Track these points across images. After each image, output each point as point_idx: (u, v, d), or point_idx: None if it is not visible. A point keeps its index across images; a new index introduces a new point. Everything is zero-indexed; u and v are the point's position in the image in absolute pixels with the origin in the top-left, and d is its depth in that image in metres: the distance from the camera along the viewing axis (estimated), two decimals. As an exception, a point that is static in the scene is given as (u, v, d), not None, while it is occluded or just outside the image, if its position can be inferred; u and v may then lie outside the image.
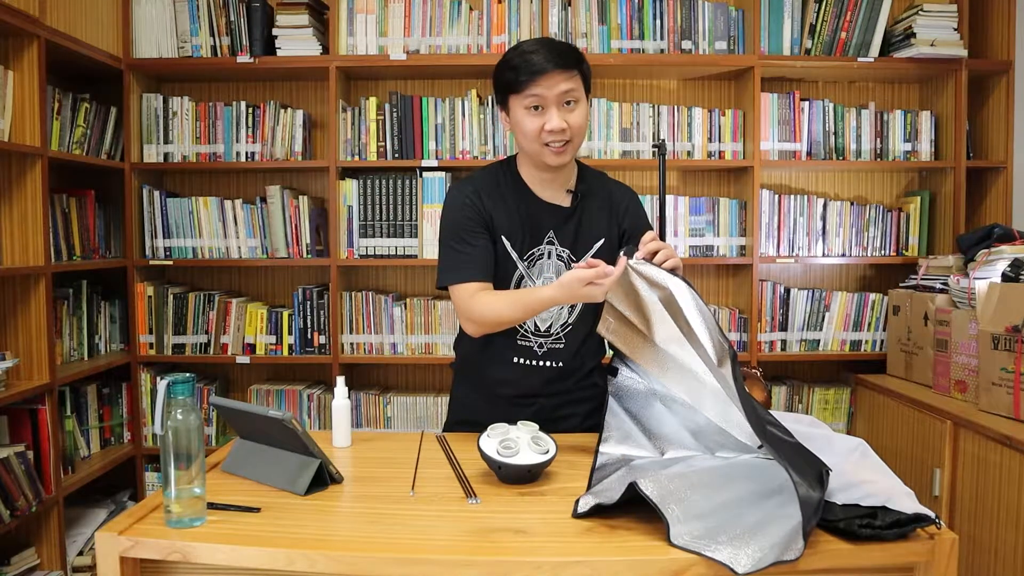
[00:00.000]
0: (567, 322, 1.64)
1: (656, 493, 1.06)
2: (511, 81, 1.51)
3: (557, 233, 1.62)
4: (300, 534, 1.08)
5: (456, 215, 1.60)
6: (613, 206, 1.67)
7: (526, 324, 1.62)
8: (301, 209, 2.86)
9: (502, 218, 1.60)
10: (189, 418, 1.09)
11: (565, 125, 1.50)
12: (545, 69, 1.47)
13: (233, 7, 2.80)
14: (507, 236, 1.60)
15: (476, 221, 1.58)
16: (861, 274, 3.10)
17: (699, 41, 2.84)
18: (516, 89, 1.51)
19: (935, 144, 2.92)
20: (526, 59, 1.49)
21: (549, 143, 1.52)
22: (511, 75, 1.51)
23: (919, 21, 2.72)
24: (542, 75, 1.47)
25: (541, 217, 1.61)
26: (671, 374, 1.38)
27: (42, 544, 2.40)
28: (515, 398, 1.65)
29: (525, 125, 1.52)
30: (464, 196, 1.60)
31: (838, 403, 2.93)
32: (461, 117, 2.84)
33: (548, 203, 1.62)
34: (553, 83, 1.48)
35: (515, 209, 1.61)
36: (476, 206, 1.59)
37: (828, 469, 1.08)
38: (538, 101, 1.50)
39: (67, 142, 2.59)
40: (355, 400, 2.88)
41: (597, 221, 1.64)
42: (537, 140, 1.52)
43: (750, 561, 0.94)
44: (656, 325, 1.38)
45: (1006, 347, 2.04)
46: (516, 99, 1.52)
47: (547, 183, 1.62)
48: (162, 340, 2.88)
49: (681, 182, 3.07)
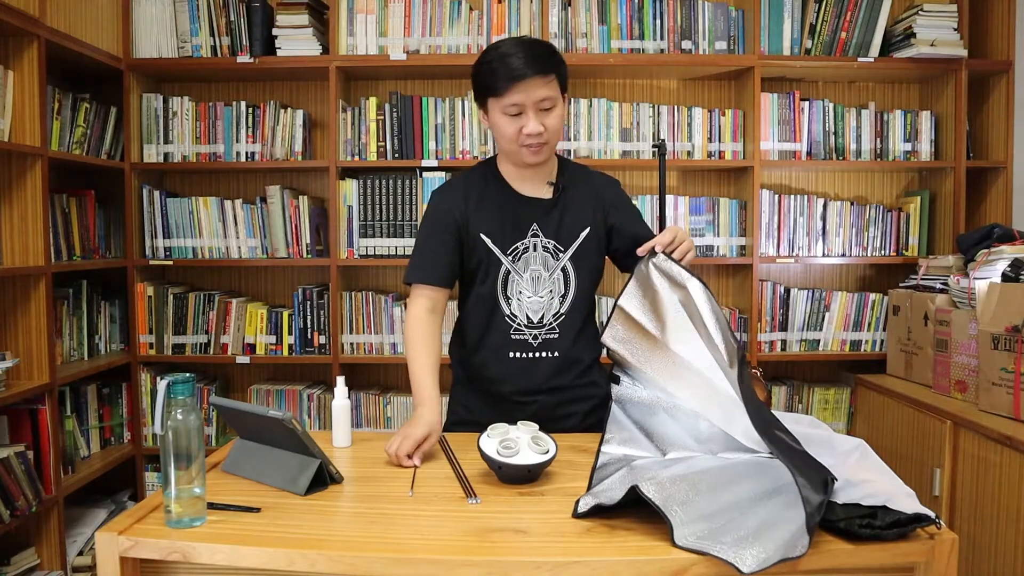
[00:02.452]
0: (559, 311, 1.65)
1: (658, 496, 1.05)
2: (490, 84, 1.53)
3: (541, 225, 1.63)
4: (300, 534, 1.08)
5: (428, 217, 1.67)
6: (597, 196, 1.69)
7: (518, 318, 1.64)
8: (301, 209, 2.86)
9: (483, 217, 1.62)
10: (189, 418, 1.09)
11: (542, 129, 1.53)
12: (524, 75, 1.49)
13: (233, 7, 2.80)
14: (488, 234, 1.62)
15: (444, 224, 1.63)
16: (861, 274, 3.10)
17: (699, 41, 2.84)
18: (494, 93, 1.53)
19: (935, 144, 2.92)
20: (505, 64, 1.50)
21: (527, 144, 1.55)
22: (490, 79, 1.52)
23: (919, 21, 2.73)
24: (521, 81, 1.49)
25: (523, 211, 1.64)
26: (679, 379, 1.38)
27: (42, 544, 2.40)
28: (515, 396, 1.65)
29: (503, 128, 1.55)
30: (442, 199, 1.66)
31: (838, 403, 2.93)
32: (461, 117, 2.84)
33: (529, 197, 1.65)
34: (531, 89, 1.50)
35: (496, 206, 1.63)
36: (451, 210, 1.63)
37: (834, 477, 1.08)
38: (517, 108, 1.52)
39: (67, 142, 2.59)
40: (355, 400, 2.88)
41: (581, 210, 1.66)
42: (515, 142, 1.55)
43: (755, 561, 0.94)
44: (671, 327, 1.38)
45: (1006, 347, 2.04)
46: (494, 102, 1.54)
47: (527, 178, 1.65)
48: (162, 340, 2.88)
49: (681, 182, 3.07)
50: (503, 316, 1.63)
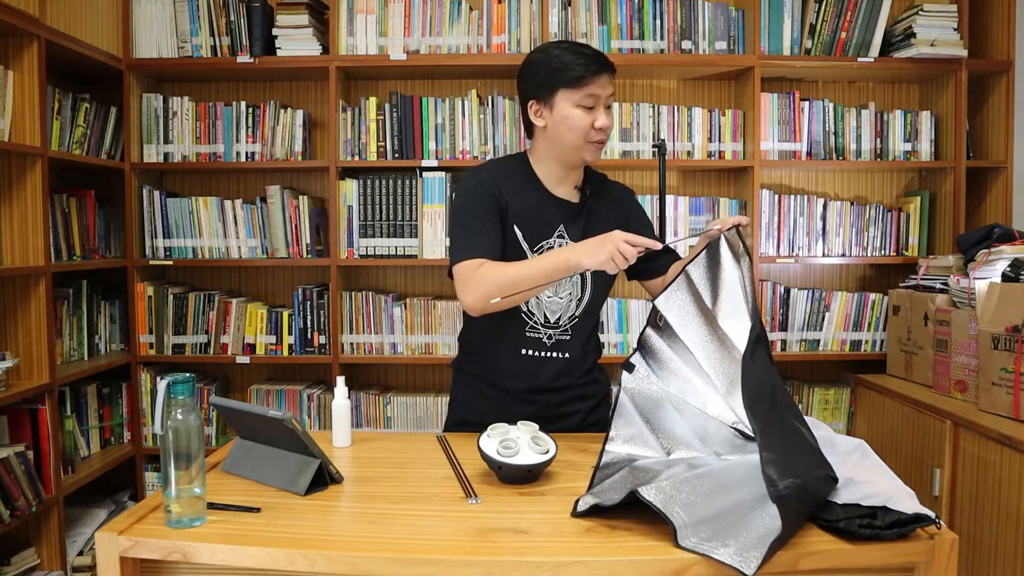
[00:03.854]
0: (574, 314, 1.66)
1: (659, 498, 1.05)
2: (567, 75, 1.53)
3: (567, 228, 1.64)
4: (300, 534, 1.08)
5: (470, 197, 1.60)
6: (619, 205, 1.72)
7: (535, 316, 1.63)
8: (301, 209, 2.86)
9: (516, 206, 1.61)
10: (189, 418, 1.09)
11: (611, 124, 1.58)
12: (603, 70, 1.54)
13: (233, 7, 2.80)
14: (520, 227, 1.61)
15: (489, 204, 1.59)
16: (861, 274, 3.10)
17: (699, 41, 2.84)
18: (573, 84, 1.53)
19: (935, 144, 2.92)
20: (583, 54, 1.53)
21: (595, 140, 1.57)
22: (569, 69, 1.52)
23: (919, 21, 2.72)
24: (599, 75, 1.53)
25: (553, 211, 1.64)
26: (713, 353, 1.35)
27: (42, 544, 2.40)
28: (521, 393, 1.66)
29: (575, 120, 1.54)
30: (480, 180, 1.62)
31: (838, 403, 2.93)
32: (461, 117, 2.84)
33: (560, 198, 1.65)
34: (605, 84, 1.55)
35: (528, 200, 1.63)
36: (492, 191, 1.60)
37: (835, 477, 1.08)
38: (593, 100, 1.54)
39: (67, 142, 2.59)
40: (355, 400, 2.88)
41: (605, 219, 1.67)
42: (584, 136, 1.56)
43: (757, 562, 0.94)
44: (723, 300, 1.37)
45: (1006, 347, 2.04)
46: (568, 93, 1.54)
47: (561, 179, 1.66)
48: (162, 340, 2.88)
49: (681, 182, 3.07)
50: (520, 312, 1.63)
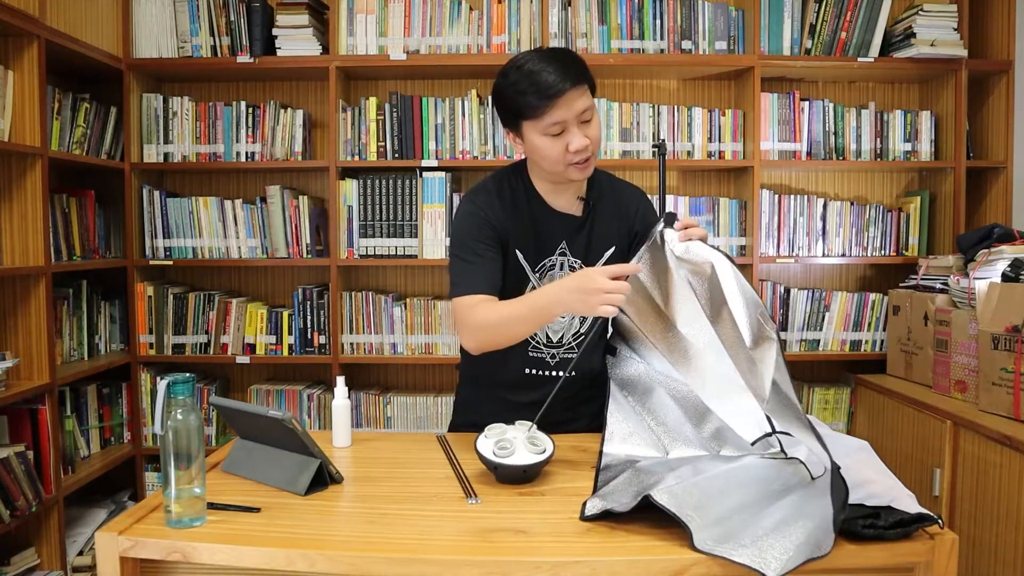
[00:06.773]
0: (578, 331, 1.60)
1: (671, 502, 1.04)
2: (524, 107, 1.40)
3: (569, 244, 1.57)
4: (300, 534, 1.08)
5: (464, 227, 1.53)
6: (624, 210, 1.62)
7: (537, 336, 1.57)
8: (301, 209, 2.86)
9: (518, 231, 1.53)
10: (189, 418, 1.09)
11: (588, 142, 1.43)
12: (562, 90, 1.37)
13: (233, 7, 2.80)
14: (521, 249, 1.54)
15: (484, 233, 1.51)
16: (861, 274, 3.10)
17: (699, 41, 2.84)
18: (531, 115, 1.40)
19: (935, 144, 2.92)
20: (536, 81, 1.38)
21: (575, 163, 1.44)
22: (523, 100, 1.40)
23: (919, 21, 2.73)
24: (559, 97, 1.37)
25: (553, 227, 1.56)
26: (677, 355, 1.36)
27: (42, 544, 2.40)
28: (528, 404, 1.57)
29: (546, 151, 1.43)
30: (475, 207, 1.53)
31: (838, 403, 2.93)
32: (461, 117, 2.84)
33: (560, 212, 1.57)
34: (570, 103, 1.39)
35: (527, 219, 1.55)
36: (487, 217, 1.51)
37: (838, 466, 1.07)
38: (559, 127, 1.40)
39: (67, 142, 2.59)
40: (355, 400, 2.88)
41: (608, 228, 1.60)
42: (560, 162, 1.44)
43: (778, 564, 0.92)
44: (677, 303, 1.34)
45: (1006, 347, 2.04)
46: (531, 124, 1.42)
47: (560, 192, 1.56)
48: (162, 340, 2.88)
49: (681, 182, 3.07)
50: None
